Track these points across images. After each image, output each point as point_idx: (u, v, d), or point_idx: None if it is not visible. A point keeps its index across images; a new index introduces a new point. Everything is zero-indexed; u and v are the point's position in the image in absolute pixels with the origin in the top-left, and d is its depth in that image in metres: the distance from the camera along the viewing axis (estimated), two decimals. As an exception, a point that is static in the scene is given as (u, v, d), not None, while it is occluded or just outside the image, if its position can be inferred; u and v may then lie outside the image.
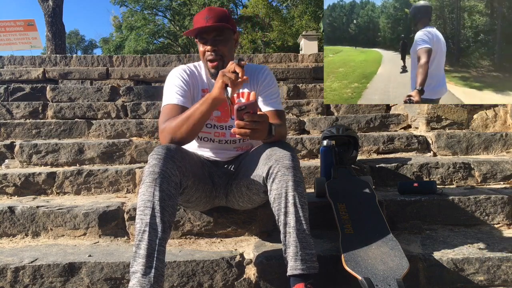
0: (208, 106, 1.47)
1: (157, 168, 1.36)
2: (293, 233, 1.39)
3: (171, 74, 1.69)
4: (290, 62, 5.75)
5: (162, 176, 1.35)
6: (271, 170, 1.44)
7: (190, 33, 1.62)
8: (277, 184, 1.42)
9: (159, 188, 1.34)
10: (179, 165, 1.41)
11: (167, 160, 1.37)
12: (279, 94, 1.76)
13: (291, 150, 1.47)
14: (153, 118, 3.48)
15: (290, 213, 1.40)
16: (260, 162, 1.50)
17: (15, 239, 1.86)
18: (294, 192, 1.40)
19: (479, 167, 2.36)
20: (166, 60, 5.60)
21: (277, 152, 1.45)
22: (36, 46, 9.32)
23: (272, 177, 1.44)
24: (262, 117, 1.36)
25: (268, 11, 22.13)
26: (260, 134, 1.38)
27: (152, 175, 1.35)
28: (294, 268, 1.38)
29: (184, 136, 1.50)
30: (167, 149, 1.41)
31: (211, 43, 1.62)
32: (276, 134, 1.47)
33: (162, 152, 1.39)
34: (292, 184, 1.41)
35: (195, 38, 1.67)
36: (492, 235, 1.81)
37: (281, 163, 1.42)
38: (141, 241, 1.30)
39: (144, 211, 1.33)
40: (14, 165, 2.67)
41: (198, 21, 1.61)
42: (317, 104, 3.69)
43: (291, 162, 1.43)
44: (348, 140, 2.32)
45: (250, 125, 1.32)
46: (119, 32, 29.50)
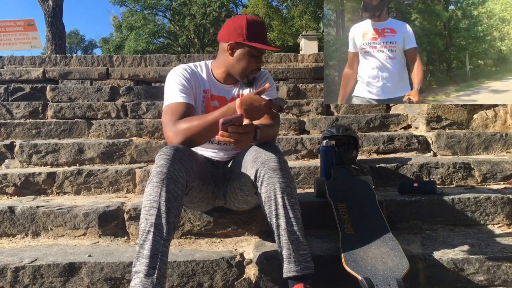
0: None
1: (165, 168, 1.35)
2: (285, 236, 1.39)
3: (172, 73, 1.68)
4: (290, 62, 5.75)
5: (169, 177, 1.34)
6: (258, 173, 1.44)
7: (253, 42, 1.61)
8: (265, 187, 1.42)
9: (166, 189, 1.33)
10: (186, 166, 1.40)
11: (175, 161, 1.37)
12: (276, 96, 1.78)
13: (278, 152, 1.47)
14: (153, 118, 3.48)
15: (281, 215, 1.40)
16: (248, 165, 1.49)
17: (15, 239, 1.86)
18: (282, 194, 1.40)
19: (479, 167, 2.36)
20: (166, 60, 5.60)
21: (263, 155, 1.45)
22: (36, 46, 9.32)
23: (260, 180, 1.44)
24: (247, 129, 1.36)
25: (268, 11, 22.12)
26: (244, 143, 1.40)
27: (160, 176, 1.34)
28: (288, 270, 1.38)
29: (198, 139, 1.50)
30: (176, 149, 1.40)
31: (261, 61, 1.70)
32: (262, 137, 1.47)
33: (170, 153, 1.38)
34: (280, 186, 1.40)
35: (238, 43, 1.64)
36: (492, 235, 1.81)
37: (267, 165, 1.42)
38: (145, 241, 1.29)
39: (149, 211, 1.32)
40: (14, 165, 2.67)
41: (259, 35, 1.62)
42: (317, 104, 3.69)
43: (277, 164, 1.42)
44: (348, 140, 2.32)
45: (234, 136, 1.34)
46: (119, 32, 29.49)
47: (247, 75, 1.70)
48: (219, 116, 1.45)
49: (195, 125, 1.47)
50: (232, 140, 1.34)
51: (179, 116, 1.53)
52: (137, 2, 26.17)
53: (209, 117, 1.48)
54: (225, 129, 1.33)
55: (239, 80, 1.73)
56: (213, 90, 1.73)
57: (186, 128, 1.47)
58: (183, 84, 1.63)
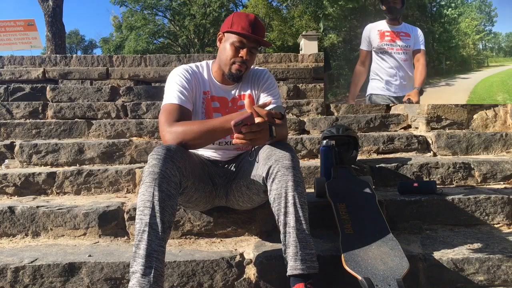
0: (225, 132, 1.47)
1: (157, 168, 1.36)
2: (293, 233, 1.40)
3: (173, 73, 1.69)
4: (290, 62, 5.76)
5: (161, 176, 1.35)
6: (270, 170, 1.44)
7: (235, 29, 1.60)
8: (277, 184, 1.42)
9: (159, 188, 1.34)
10: (179, 165, 1.41)
11: (166, 161, 1.37)
12: (280, 96, 1.79)
13: (291, 150, 1.48)
14: (153, 118, 3.48)
15: (290, 213, 1.41)
16: (260, 162, 1.50)
17: (15, 239, 1.86)
18: (294, 192, 1.41)
19: (479, 167, 2.36)
20: (166, 60, 5.60)
21: (277, 152, 1.46)
22: (36, 46, 9.32)
23: (272, 177, 1.44)
24: (261, 126, 1.36)
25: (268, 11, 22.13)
26: (261, 141, 1.39)
27: (152, 175, 1.35)
28: (294, 268, 1.38)
29: (192, 144, 1.50)
30: (167, 149, 1.41)
31: (248, 52, 1.63)
32: (277, 135, 1.47)
33: (161, 153, 1.39)
34: (292, 184, 1.41)
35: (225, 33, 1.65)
36: (492, 235, 1.81)
37: (281, 163, 1.43)
38: (141, 241, 1.30)
39: (143, 211, 1.33)
40: (14, 165, 2.67)
41: (243, 23, 1.60)
42: (317, 104, 3.69)
43: (291, 162, 1.43)
44: (348, 140, 2.32)
45: (249, 136, 1.33)
46: (119, 32, 29.48)
47: (230, 67, 1.65)
48: (217, 124, 1.46)
49: (191, 130, 1.48)
50: (248, 142, 1.33)
51: (175, 118, 1.54)
52: (137, 2, 26.18)
53: (207, 124, 1.48)
54: (238, 130, 1.32)
55: (226, 74, 1.68)
56: (213, 91, 1.73)
57: (182, 131, 1.48)
58: (183, 86, 1.64)
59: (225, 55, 1.65)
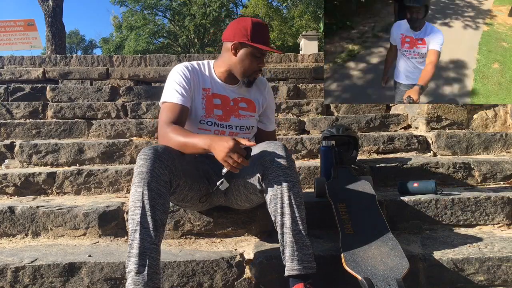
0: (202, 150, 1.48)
1: (145, 168, 1.37)
2: (289, 234, 1.40)
3: (173, 70, 1.72)
4: (290, 62, 5.75)
5: (150, 175, 1.36)
6: (265, 171, 1.45)
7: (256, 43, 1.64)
8: (272, 185, 1.43)
9: (148, 187, 1.35)
10: (167, 164, 1.42)
11: (154, 160, 1.39)
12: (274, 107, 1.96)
13: (285, 150, 1.48)
14: (153, 118, 3.48)
15: (286, 214, 1.41)
16: (255, 162, 1.50)
17: (15, 239, 1.86)
18: (289, 192, 1.41)
19: (479, 167, 2.36)
20: (166, 60, 5.60)
21: (271, 153, 1.47)
22: (36, 46, 9.32)
23: (267, 178, 1.45)
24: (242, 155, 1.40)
25: (268, 11, 22.15)
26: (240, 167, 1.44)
27: (140, 175, 1.37)
28: (291, 268, 1.39)
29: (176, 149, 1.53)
30: (154, 149, 1.43)
31: (263, 62, 1.73)
32: None
33: (148, 153, 1.41)
34: (287, 185, 1.42)
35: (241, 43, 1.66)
36: (492, 235, 1.81)
37: (276, 163, 1.44)
38: (134, 240, 1.31)
39: (134, 211, 1.34)
40: (14, 165, 2.67)
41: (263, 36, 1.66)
42: (317, 104, 3.69)
43: (286, 163, 1.44)
44: (348, 140, 2.32)
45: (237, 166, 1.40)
46: (119, 32, 29.48)
47: (248, 76, 1.71)
48: (199, 142, 1.47)
49: (177, 140, 1.52)
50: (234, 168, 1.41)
51: (174, 117, 1.60)
52: (137, 2, 26.19)
53: (191, 140, 1.50)
54: None
55: (240, 80, 1.74)
56: (214, 88, 1.74)
57: (170, 138, 1.54)
58: (183, 84, 1.66)
59: (245, 66, 1.69)
